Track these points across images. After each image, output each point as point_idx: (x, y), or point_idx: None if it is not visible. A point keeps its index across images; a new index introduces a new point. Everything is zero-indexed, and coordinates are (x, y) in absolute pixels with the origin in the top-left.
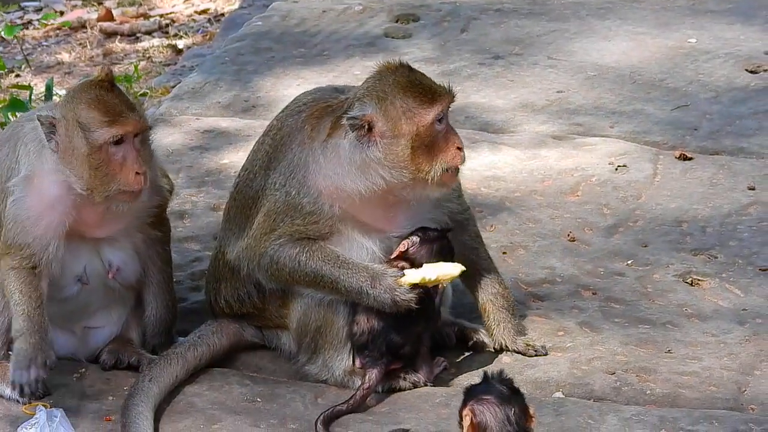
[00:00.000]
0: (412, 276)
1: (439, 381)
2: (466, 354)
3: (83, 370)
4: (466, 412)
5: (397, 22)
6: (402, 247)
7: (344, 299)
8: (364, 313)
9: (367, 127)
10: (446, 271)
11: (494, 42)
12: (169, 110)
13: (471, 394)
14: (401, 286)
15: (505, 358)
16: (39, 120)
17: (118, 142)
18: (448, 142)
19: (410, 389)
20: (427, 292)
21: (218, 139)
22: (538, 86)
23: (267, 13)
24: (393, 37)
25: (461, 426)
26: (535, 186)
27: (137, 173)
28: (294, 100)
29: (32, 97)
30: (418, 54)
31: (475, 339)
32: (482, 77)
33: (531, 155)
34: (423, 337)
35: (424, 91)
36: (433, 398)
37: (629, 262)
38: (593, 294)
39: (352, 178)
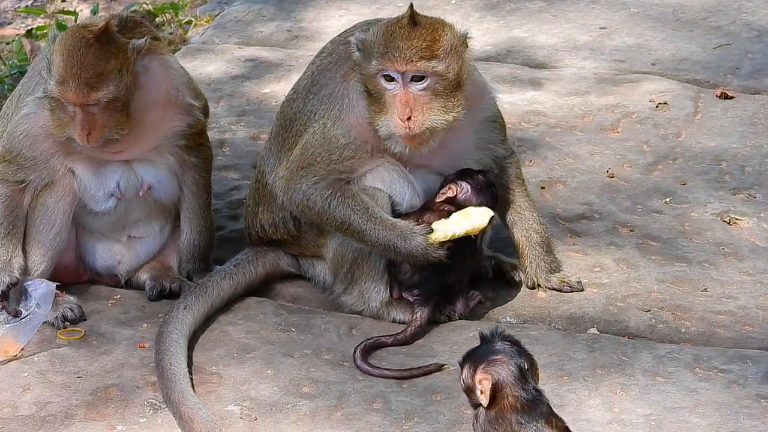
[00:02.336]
0: (441, 233)
1: (473, 314)
2: (502, 288)
3: (118, 296)
4: (480, 377)
5: None
6: (450, 193)
7: (371, 249)
8: None
9: (365, 52)
10: (475, 222)
11: None
12: (211, 39)
13: (474, 359)
14: (431, 244)
15: (540, 293)
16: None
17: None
18: (394, 107)
19: (445, 322)
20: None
21: (260, 69)
22: (581, 22)
23: None
24: None
25: (474, 394)
26: (575, 122)
27: (80, 132)
28: (352, 27)
29: (77, 22)
30: None
31: (511, 273)
32: (525, 12)
33: (572, 91)
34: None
35: (391, 44)
36: (468, 331)
37: (667, 199)
38: (630, 231)
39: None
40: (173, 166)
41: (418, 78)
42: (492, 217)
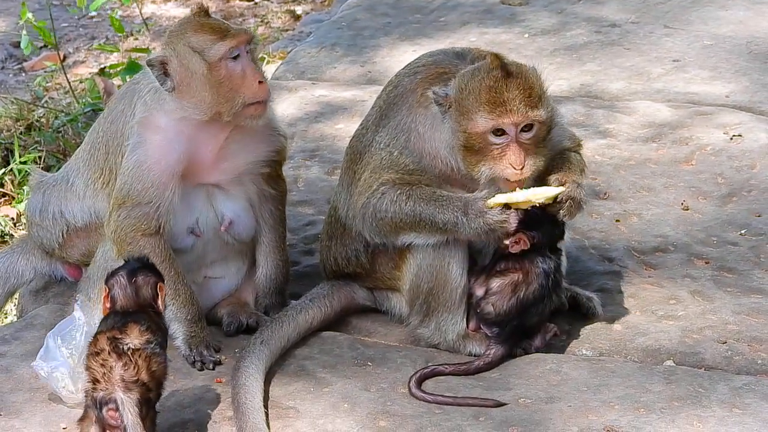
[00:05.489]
0: (500, 196)
1: (549, 347)
2: (578, 321)
3: None
4: None
5: None
6: (523, 245)
7: (445, 237)
8: (499, 295)
9: (447, 106)
10: (539, 191)
11: (611, 10)
12: (284, 75)
13: None
14: (491, 208)
15: (616, 326)
16: (149, 64)
17: (235, 57)
18: (505, 157)
19: (522, 356)
20: (548, 273)
21: (333, 105)
22: (654, 55)
23: None
24: (509, 5)
25: None
26: (649, 154)
27: (260, 82)
28: (416, 59)
29: None
30: (534, 21)
31: (587, 306)
32: (598, 45)
33: (645, 123)
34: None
35: (497, 99)
36: (544, 365)
37: (743, 231)
38: (706, 263)
39: (444, 152)
40: (252, 198)
41: (527, 128)
42: (559, 193)
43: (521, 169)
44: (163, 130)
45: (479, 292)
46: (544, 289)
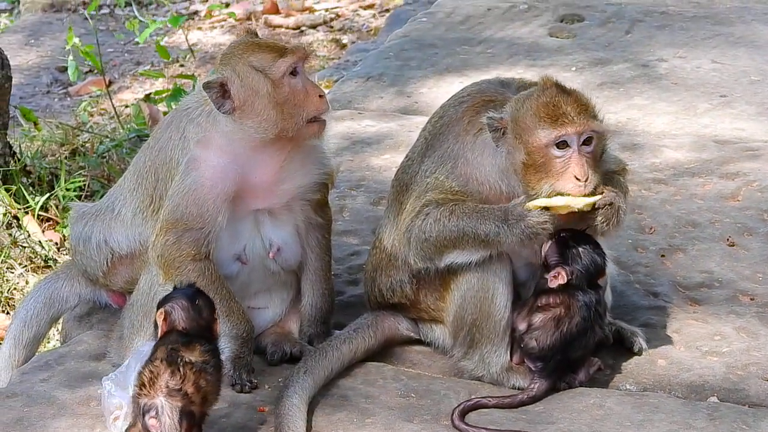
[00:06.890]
0: (540, 200)
1: (593, 381)
2: (622, 355)
3: None
4: None
5: (561, 21)
6: (561, 279)
7: (488, 251)
8: (542, 330)
9: (502, 131)
10: (577, 197)
11: (658, 45)
12: (331, 104)
13: None
14: (530, 210)
15: (660, 361)
16: (207, 87)
17: (293, 72)
18: (568, 171)
19: (565, 389)
20: (589, 306)
21: (379, 135)
22: (701, 90)
23: (432, 9)
24: (557, 37)
25: None
26: (695, 189)
27: (320, 96)
28: (460, 90)
29: (195, 87)
30: (582, 55)
31: (631, 341)
32: (645, 80)
33: (692, 159)
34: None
35: (557, 111)
36: (588, 399)
37: None
38: (751, 299)
39: (494, 177)
40: (299, 226)
41: (588, 141)
42: (598, 200)
43: (585, 180)
44: (220, 152)
45: (522, 326)
46: (587, 322)
